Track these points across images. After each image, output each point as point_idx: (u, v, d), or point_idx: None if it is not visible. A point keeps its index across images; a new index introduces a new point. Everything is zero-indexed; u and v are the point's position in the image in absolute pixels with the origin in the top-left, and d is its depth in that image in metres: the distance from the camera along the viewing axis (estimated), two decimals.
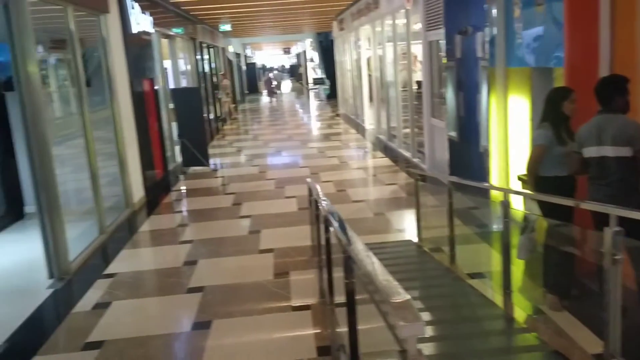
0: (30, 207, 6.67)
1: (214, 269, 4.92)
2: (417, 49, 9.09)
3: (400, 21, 9.64)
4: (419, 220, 5.26)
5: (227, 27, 15.11)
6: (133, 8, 7.41)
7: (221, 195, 7.88)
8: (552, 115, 3.64)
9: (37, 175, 4.70)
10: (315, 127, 16.29)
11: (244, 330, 3.72)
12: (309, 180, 4.85)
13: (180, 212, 7.36)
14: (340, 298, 3.11)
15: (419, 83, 9.22)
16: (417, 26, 8.75)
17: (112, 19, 6.80)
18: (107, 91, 6.66)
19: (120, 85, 6.95)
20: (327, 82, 24.33)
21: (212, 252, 5.35)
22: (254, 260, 5.09)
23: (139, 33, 7.85)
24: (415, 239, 5.29)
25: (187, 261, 5.12)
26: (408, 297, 1.18)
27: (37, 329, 3.98)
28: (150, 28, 8.45)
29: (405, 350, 1.09)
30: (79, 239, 5.41)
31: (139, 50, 7.92)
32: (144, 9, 8.10)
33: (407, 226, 5.83)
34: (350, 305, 2.08)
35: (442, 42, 7.21)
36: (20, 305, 4.28)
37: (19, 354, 3.56)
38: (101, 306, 4.20)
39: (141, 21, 7.84)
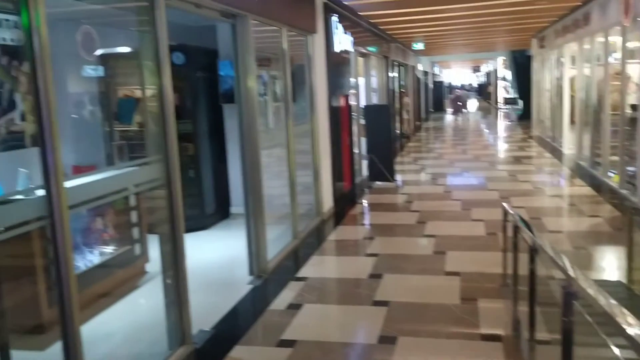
0: (235, 207, 7.40)
1: (399, 285, 4.93)
2: (633, 69, 8.16)
3: (614, 38, 8.76)
4: (630, 259, 4.68)
5: (420, 46, 15.21)
6: (337, 29, 7.83)
7: (405, 212, 7.88)
8: None
9: (247, 180, 5.18)
10: (505, 148, 15.53)
11: (430, 352, 3.66)
12: (505, 204, 4.62)
13: (366, 225, 7.53)
14: (543, 334, 2.89)
15: (632, 106, 8.26)
16: (634, 44, 7.87)
17: (318, 39, 7.26)
18: (309, 106, 7.10)
19: (320, 101, 7.37)
20: (520, 101, 23.08)
21: (396, 268, 5.36)
22: (439, 281, 4.98)
23: (340, 52, 8.27)
24: (624, 280, 4.71)
25: (372, 274, 5.21)
26: None
27: (238, 321, 4.36)
28: (350, 47, 8.85)
29: None
30: (275, 241, 5.83)
31: (338, 68, 8.34)
32: (346, 29, 8.52)
33: (612, 265, 5.23)
34: (567, 345, 1.91)
35: None
36: (225, 296, 4.72)
37: (223, 341, 3.91)
38: (294, 307, 4.46)
39: (343, 41, 8.24)
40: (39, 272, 3.80)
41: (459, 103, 27.49)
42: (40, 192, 2.62)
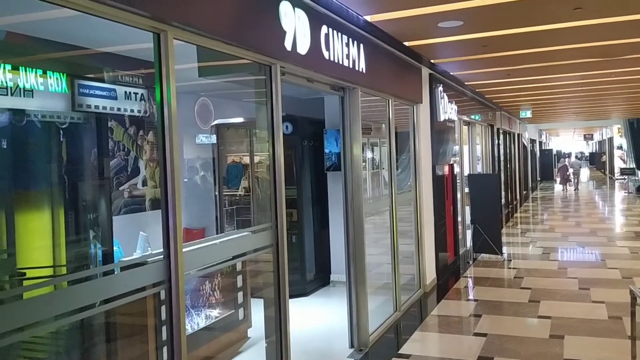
0: (335, 275, 7.35)
1: None
2: None
3: None
4: None
5: (527, 114, 14.76)
6: (443, 98, 7.81)
7: (515, 289, 7.38)
8: None
9: (350, 247, 5.12)
10: (624, 222, 14.33)
11: None
12: (632, 287, 4.18)
13: (472, 300, 7.11)
14: None
15: None
16: None
17: (423, 108, 7.26)
18: (412, 174, 7.02)
19: (424, 169, 7.27)
20: (638, 172, 21.48)
21: (509, 352, 4.95)
22: None
23: (444, 120, 8.19)
24: None
25: (481, 356, 4.84)
26: None
27: None
28: (454, 116, 8.76)
29: None
30: (376, 312, 5.65)
31: (442, 137, 8.24)
32: (450, 98, 8.47)
33: None
34: None
35: None
36: None
37: None
38: None
39: (448, 110, 8.19)
40: (149, 332, 3.91)
41: (568, 172, 26.06)
42: (158, 255, 2.72)
